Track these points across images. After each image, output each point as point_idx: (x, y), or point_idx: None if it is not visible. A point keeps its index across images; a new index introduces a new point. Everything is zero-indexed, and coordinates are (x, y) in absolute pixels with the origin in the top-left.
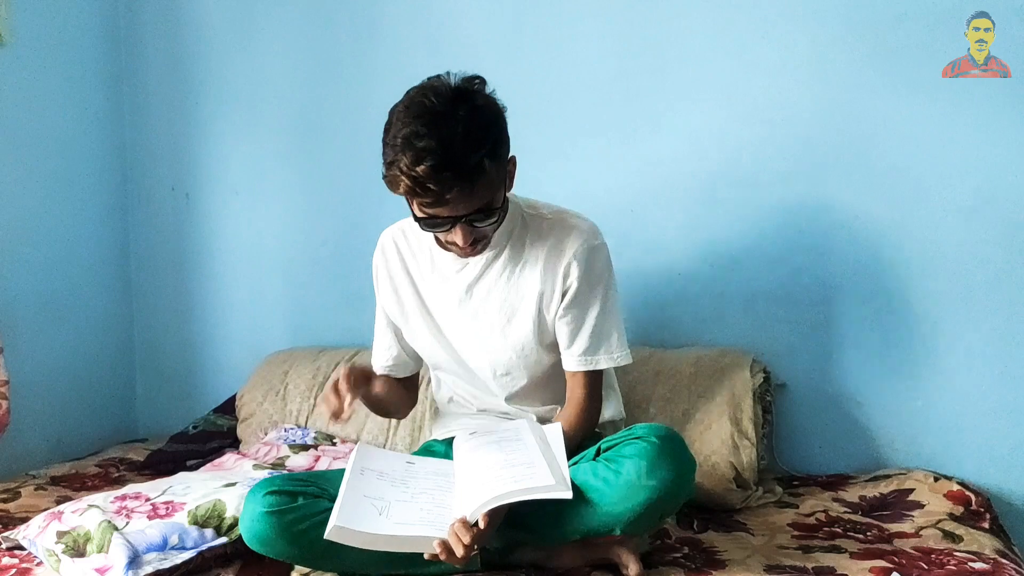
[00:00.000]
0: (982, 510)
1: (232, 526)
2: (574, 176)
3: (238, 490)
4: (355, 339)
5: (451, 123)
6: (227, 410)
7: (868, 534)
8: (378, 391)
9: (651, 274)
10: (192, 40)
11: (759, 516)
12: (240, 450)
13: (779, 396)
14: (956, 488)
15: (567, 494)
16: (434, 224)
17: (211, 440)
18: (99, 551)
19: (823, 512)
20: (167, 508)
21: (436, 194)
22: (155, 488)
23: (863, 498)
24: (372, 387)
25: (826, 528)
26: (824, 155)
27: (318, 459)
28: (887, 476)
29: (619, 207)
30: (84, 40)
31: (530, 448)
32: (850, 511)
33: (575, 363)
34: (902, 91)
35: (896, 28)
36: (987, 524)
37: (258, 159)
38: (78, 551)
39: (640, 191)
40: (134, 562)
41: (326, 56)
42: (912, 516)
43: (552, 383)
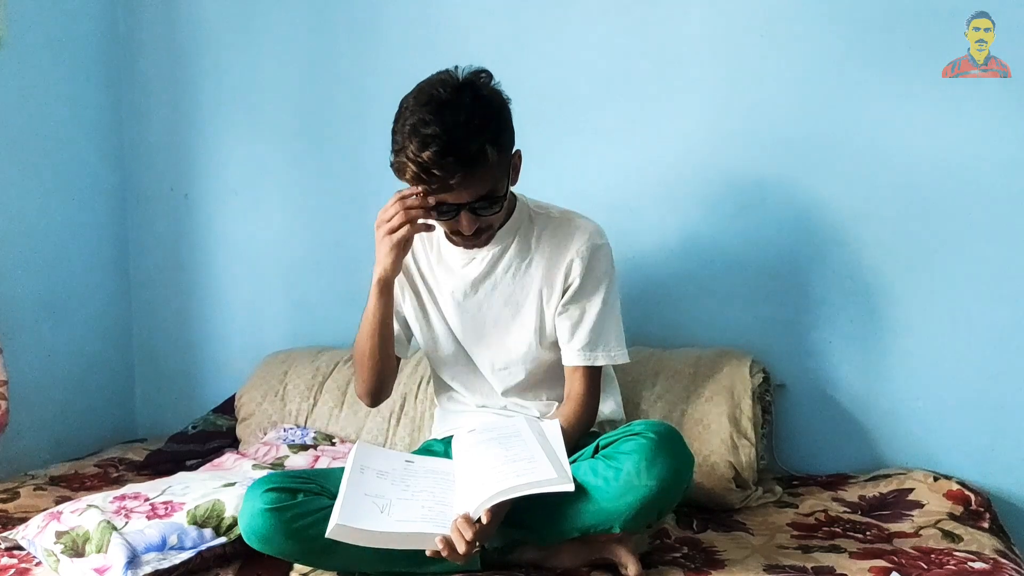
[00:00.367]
0: (982, 510)
1: (231, 526)
2: (574, 175)
3: (237, 490)
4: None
5: (455, 111)
6: (226, 410)
7: (868, 534)
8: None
9: (650, 273)
10: (191, 40)
11: (758, 516)
12: (239, 450)
13: (778, 396)
14: (956, 488)
15: (569, 487)
16: (440, 211)
17: (210, 440)
18: (98, 551)
19: (823, 512)
20: (166, 508)
21: (440, 179)
22: (154, 488)
23: (863, 498)
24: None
25: (825, 528)
26: (823, 155)
27: (317, 459)
28: (887, 476)
29: (618, 206)
30: (84, 40)
31: (530, 444)
32: (850, 511)
33: (574, 357)
34: (902, 91)
35: (896, 28)
36: (987, 524)
37: (257, 159)
38: (77, 551)
39: (639, 191)
40: (133, 562)
41: (325, 56)
42: (912, 516)
43: (550, 380)
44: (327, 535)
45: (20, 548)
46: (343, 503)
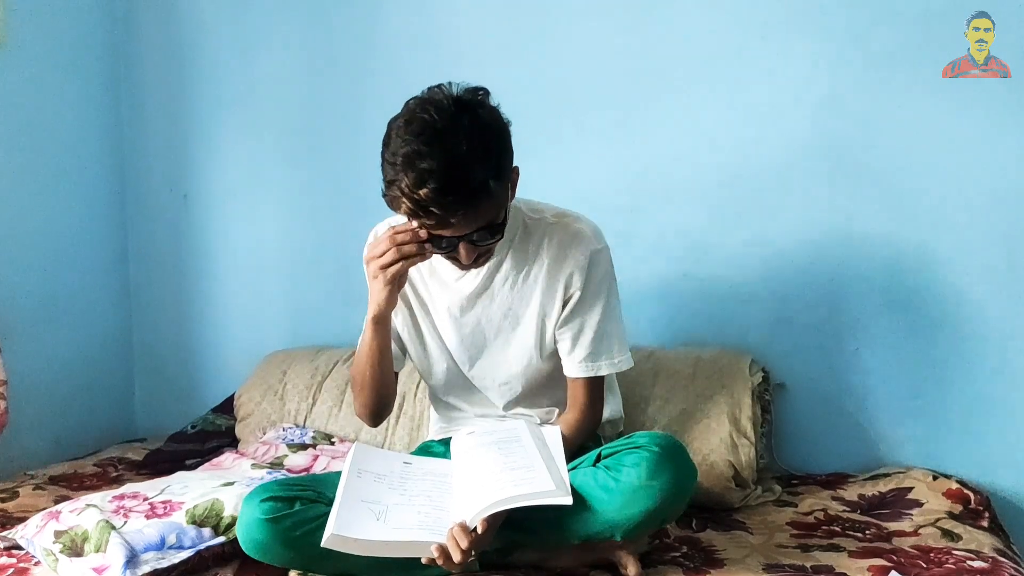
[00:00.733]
0: (981, 509)
1: (230, 525)
2: (574, 175)
3: (236, 489)
4: (354, 339)
5: (454, 142)
6: (225, 410)
7: (867, 533)
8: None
9: (650, 273)
10: (191, 41)
11: (758, 515)
12: (238, 449)
13: (778, 395)
14: (955, 487)
15: (567, 500)
16: (436, 243)
17: (209, 440)
18: (97, 551)
19: (822, 511)
20: (165, 507)
21: (439, 217)
22: (153, 487)
23: (862, 497)
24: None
25: (825, 527)
26: (823, 155)
27: (316, 458)
28: (886, 475)
29: (619, 206)
30: (83, 41)
31: (529, 451)
32: (849, 510)
33: (576, 369)
34: (902, 91)
35: (896, 28)
36: (986, 523)
37: (256, 160)
38: (76, 551)
39: (640, 191)
40: (132, 562)
41: (324, 56)
42: (911, 515)
43: (551, 388)
44: (323, 544)
45: (19, 548)
46: (338, 511)
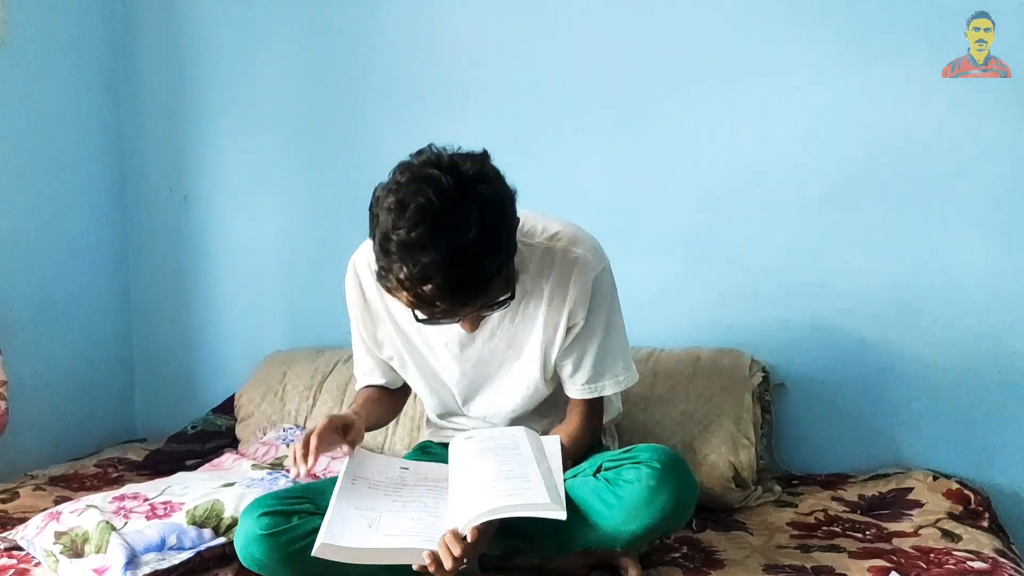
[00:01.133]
0: (981, 509)
1: (230, 526)
2: (574, 175)
3: (236, 490)
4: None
5: (458, 230)
6: (226, 410)
7: (867, 533)
8: (359, 427)
9: (651, 273)
10: (191, 41)
11: (758, 515)
12: (239, 450)
13: (778, 395)
14: (955, 487)
15: (561, 515)
16: (437, 322)
17: (210, 440)
18: (97, 551)
19: (822, 511)
20: (165, 508)
21: (446, 310)
22: (153, 488)
23: (862, 497)
24: (351, 430)
25: (825, 527)
26: (822, 155)
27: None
28: (886, 475)
29: (618, 206)
30: (83, 41)
31: (526, 460)
32: (849, 510)
33: (579, 392)
34: (901, 91)
35: (896, 28)
36: (986, 523)
37: (256, 160)
38: (76, 551)
39: (639, 190)
40: (132, 562)
41: (324, 56)
42: (911, 515)
43: (550, 405)
44: (313, 553)
45: (19, 548)
46: (330, 520)
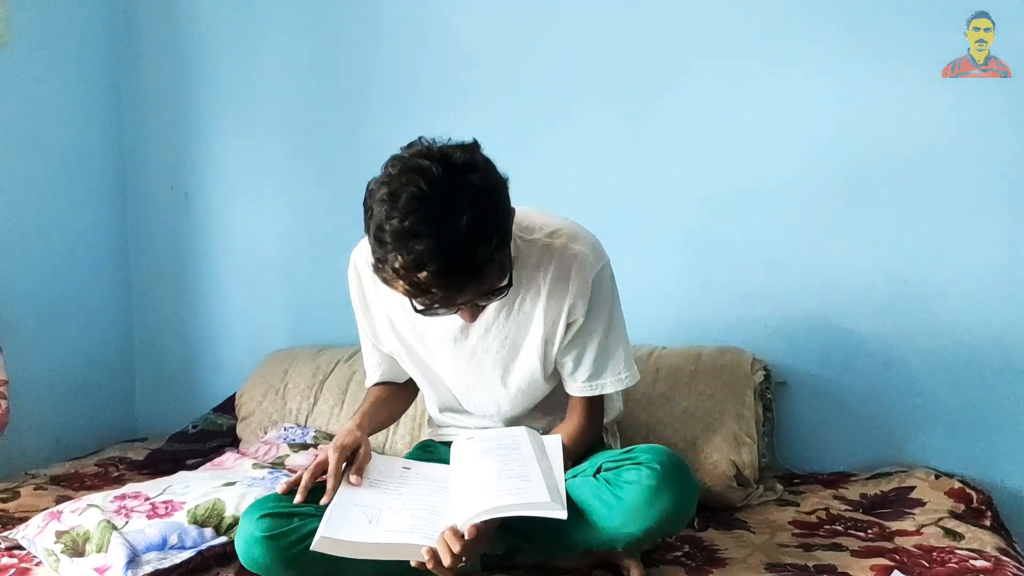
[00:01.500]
0: (983, 508)
1: (232, 525)
2: (575, 174)
3: (237, 489)
4: (355, 338)
5: (451, 218)
6: (227, 409)
7: (869, 532)
8: (367, 450)
9: (652, 272)
10: (191, 39)
11: (760, 514)
12: (240, 449)
13: (780, 394)
14: (957, 486)
15: (561, 514)
16: (435, 312)
17: (211, 439)
18: (98, 551)
19: (824, 510)
20: (166, 507)
21: (442, 298)
22: (154, 487)
23: (864, 496)
24: (358, 453)
25: (827, 526)
26: (822, 155)
27: (317, 458)
28: (888, 474)
29: (620, 204)
30: (84, 40)
31: (527, 460)
32: (851, 509)
33: (579, 390)
34: (901, 91)
35: (896, 28)
36: (988, 522)
37: (257, 157)
38: (77, 551)
39: (641, 189)
40: (133, 562)
41: (325, 55)
42: (913, 514)
43: (551, 404)
44: (312, 547)
45: (20, 548)
46: (330, 515)
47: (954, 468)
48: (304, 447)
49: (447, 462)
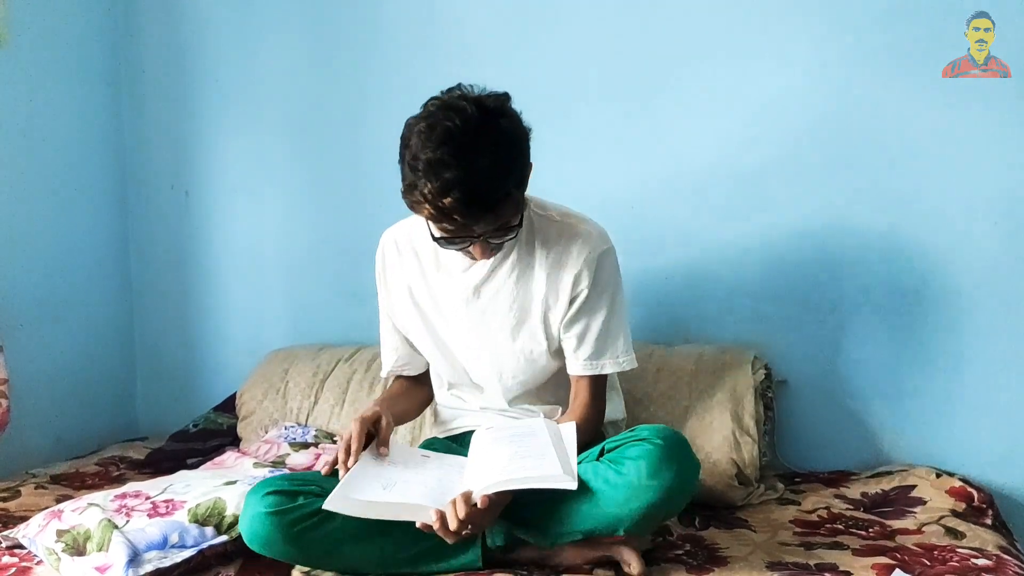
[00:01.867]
0: (984, 506)
1: (232, 524)
2: (575, 173)
3: (238, 488)
4: (356, 337)
5: (479, 153)
6: (227, 408)
7: (870, 531)
8: (388, 420)
9: (652, 272)
10: (191, 39)
11: (761, 513)
12: (240, 448)
13: (781, 393)
14: (958, 484)
15: (572, 485)
16: (452, 242)
17: (211, 438)
18: (99, 550)
19: (825, 509)
20: (167, 506)
21: (461, 224)
22: (155, 486)
23: (865, 495)
24: (380, 424)
25: (828, 525)
26: (822, 155)
27: (318, 457)
28: (889, 472)
29: (620, 203)
30: (84, 40)
31: (543, 444)
32: (852, 508)
33: (580, 367)
34: (902, 91)
35: (896, 28)
36: (989, 520)
37: (258, 156)
38: (78, 550)
39: (641, 188)
40: (134, 560)
41: (326, 53)
42: (914, 513)
43: (554, 386)
44: (324, 506)
45: (21, 547)
46: (348, 479)
47: (955, 467)
48: (305, 446)
49: (462, 455)
